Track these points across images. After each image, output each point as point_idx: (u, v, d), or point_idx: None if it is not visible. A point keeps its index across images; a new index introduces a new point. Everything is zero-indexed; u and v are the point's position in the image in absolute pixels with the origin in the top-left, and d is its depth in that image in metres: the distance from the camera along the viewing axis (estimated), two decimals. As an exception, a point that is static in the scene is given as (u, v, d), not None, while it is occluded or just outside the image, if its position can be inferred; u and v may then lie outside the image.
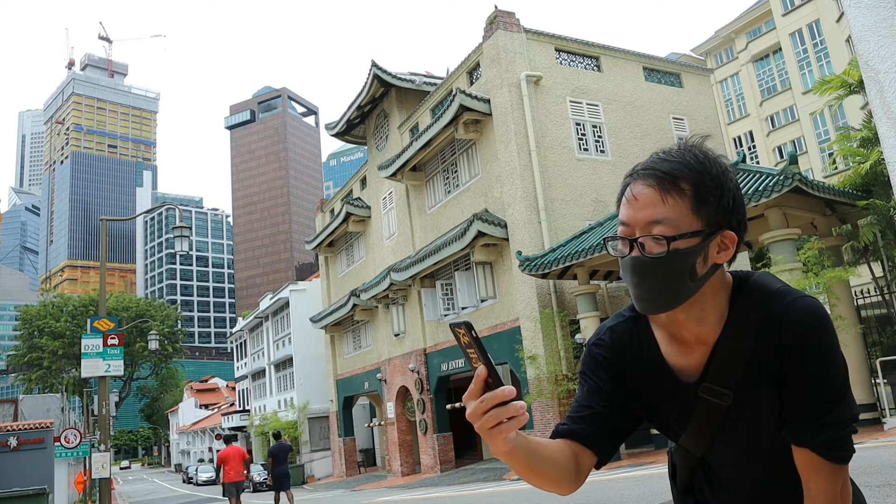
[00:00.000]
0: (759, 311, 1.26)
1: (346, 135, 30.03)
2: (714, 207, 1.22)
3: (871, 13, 1.68)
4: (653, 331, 1.38)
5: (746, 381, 1.28)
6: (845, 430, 1.21)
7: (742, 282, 1.32)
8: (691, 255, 1.20)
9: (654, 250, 1.20)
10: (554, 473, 1.28)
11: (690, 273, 1.21)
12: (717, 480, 1.41)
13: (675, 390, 1.35)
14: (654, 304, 1.24)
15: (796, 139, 36.31)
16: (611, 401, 1.38)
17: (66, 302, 66.86)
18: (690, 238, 1.20)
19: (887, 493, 5.87)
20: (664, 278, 1.21)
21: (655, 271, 1.20)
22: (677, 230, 1.19)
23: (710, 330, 1.30)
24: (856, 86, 15.47)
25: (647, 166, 1.25)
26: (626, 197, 1.26)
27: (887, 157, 1.68)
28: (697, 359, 1.32)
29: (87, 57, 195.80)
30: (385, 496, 18.41)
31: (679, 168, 1.22)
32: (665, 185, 1.21)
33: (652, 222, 1.20)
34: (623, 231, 1.24)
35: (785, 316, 1.23)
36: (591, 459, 1.36)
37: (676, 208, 1.20)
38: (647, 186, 1.23)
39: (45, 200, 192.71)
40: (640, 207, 1.22)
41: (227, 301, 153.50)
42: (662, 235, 1.19)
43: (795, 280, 12.20)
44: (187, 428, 66.78)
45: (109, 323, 14.85)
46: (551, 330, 17.71)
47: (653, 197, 1.21)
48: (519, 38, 20.07)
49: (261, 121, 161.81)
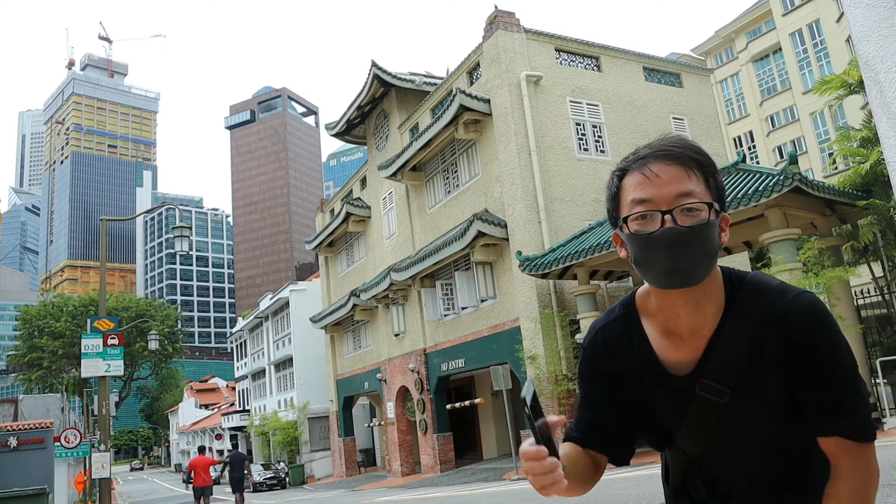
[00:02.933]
0: (761, 307, 1.28)
1: (346, 135, 30.03)
2: (716, 187, 1.29)
3: (871, 13, 1.68)
4: (644, 327, 1.39)
5: (744, 379, 1.29)
6: (866, 411, 1.24)
7: (737, 278, 1.34)
8: (715, 227, 1.26)
9: (687, 222, 1.22)
10: (580, 481, 1.37)
11: (717, 245, 1.26)
12: (712, 480, 1.41)
13: (670, 387, 1.35)
14: (687, 276, 1.25)
15: (796, 139, 36.31)
16: (609, 404, 1.40)
17: (66, 302, 66.88)
18: (713, 210, 1.25)
19: (887, 493, 5.87)
20: (697, 249, 1.23)
21: (690, 241, 1.22)
22: (703, 201, 1.24)
23: (705, 320, 1.31)
24: (856, 86, 15.47)
25: (656, 149, 1.29)
26: (644, 175, 1.27)
27: (887, 157, 1.68)
28: (690, 353, 1.33)
29: (87, 57, 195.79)
30: (385, 496, 18.40)
31: (688, 150, 1.28)
32: (686, 162, 1.26)
33: (682, 194, 1.24)
34: (647, 207, 1.25)
35: (789, 314, 1.25)
36: (604, 458, 1.44)
37: (699, 184, 1.26)
38: (667, 164, 1.26)
39: (45, 200, 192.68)
40: (664, 183, 1.25)
41: (227, 301, 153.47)
42: (702, 202, 1.23)
43: (795, 280, 12.19)
44: (187, 428, 66.77)
45: (109, 323, 14.85)
46: (551, 330, 17.72)
47: (678, 173, 1.25)
48: (519, 38, 20.06)
49: (261, 121, 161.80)
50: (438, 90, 23.17)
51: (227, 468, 18.04)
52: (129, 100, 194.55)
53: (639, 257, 1.27)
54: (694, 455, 1.40)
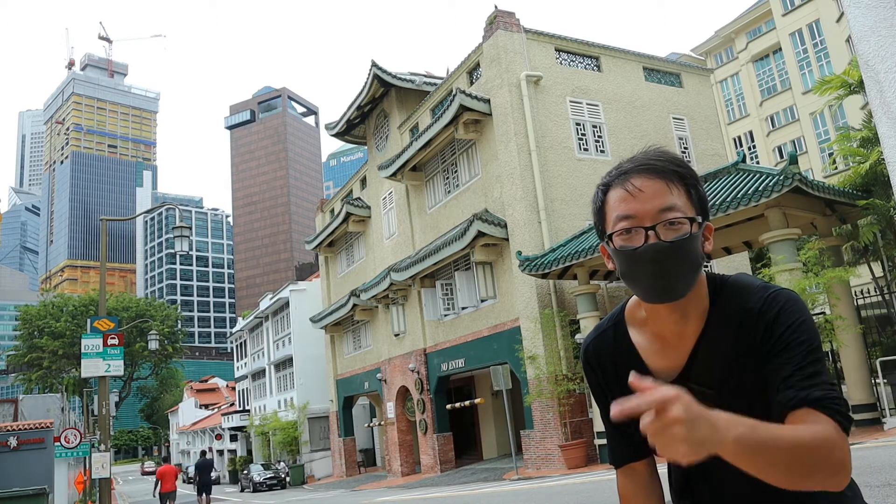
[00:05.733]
0: (740, 307, 1.30)
1: (346, 135, 30.03)
2: (698, 199, 1.30)
3: (871, 13, 1.68)
4: (631, 337, 1.42)
5: (730, 379, 1.30)
6: (835, 392, 1.19)
7: (720, 281, 1.36)
8: (698, 239, 1.26)
9: (670, 236, 1.23)
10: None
11: (701, 257, 1.27)
12: (712, 480, 1.41)
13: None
14: (672, 290, 1.26)
15: (796, 139, 36.31)
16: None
17: (66, 302, 66.88)
18: (695, 223, 1.26)
19: (887, 493, 5.87)
20: (681, 263, 1.24)
21: (674, 257, 1.23)
22: (686, 215, 1.25)
23: (690, 325, 1.33)
24: (856, 86, 15.48)
25: (638, 163, 1.29)
26: (626, 190, 1.28)
27: (887, 157, 1.68)
28: (676, 358, 1.36)
29: (87, 57, 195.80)
30: (385, 496, 18.40)
31: (669, 163, 1.29)
32: (668, 176, 1.27)
33: (665, 209, 1.24)
34: (630, 223, 1.26)
35: (763, 307, 1.27)
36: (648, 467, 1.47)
37: (680, 197, 1.27)
38: (649, 179, 1.27)
39: (45, 200, 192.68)
40: (647, 198, 1.25)
41: (227, 301, 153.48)
42: (684, 216, 1.24)
43: (795, 280, 12.19)
44: (187, 428, 66.72)
45: (109, 323, 14.85)
46: (551, 330, 17.71)
47: (660, 187, 1.26)
48: (519, 38, 20.06)
49: (261, 121, 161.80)
50: (438, 90, 23.16)
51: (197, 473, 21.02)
52: (129, 100, 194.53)
53: (625, 272, 1.29)
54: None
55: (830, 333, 12.49)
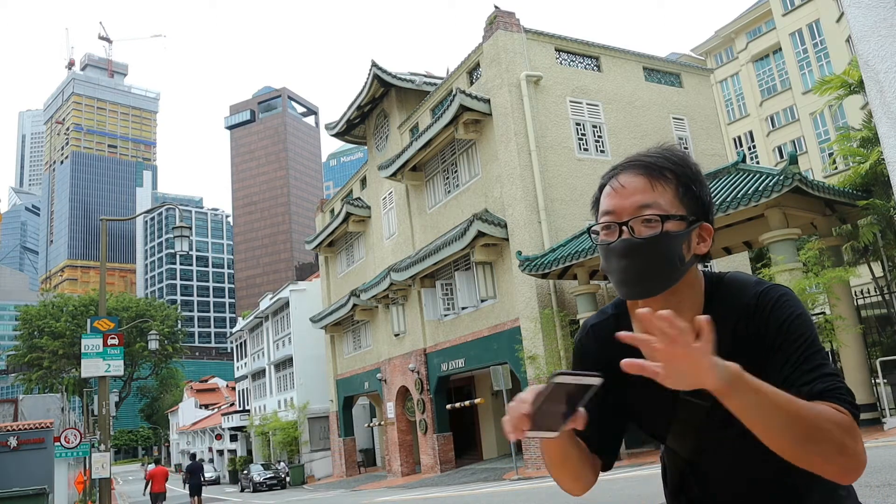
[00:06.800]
0: (735, 304, 1.30)
1: (346, 135, 30.03)
2: (695, 198, 1.29)
3: (871, 13, 1.68)
4: (634, 329, 1.38)
5: None
6: (838, 381, 1.18)
7: (716, 280, 1.36)
8: (678, 239, 1.25)
9: (644, 233, 1.24)
10: (581, 471, 1.36)
11: (678, 258, 1.25)
12: (708, 480, 1.41)
13: (655, 392, 1.33)
14: (639, 288, 1.27)
15: (796, 139, 36.31)
16: (600, 402, 1.38)
17: (66, 302, 66.88)
18: (678, 221, 1.25)
19: (887, 493, 5.87)
20: (652, 261, 1.24)
21: (645, 253, 1.23)
22: (666, 213, 1.25)
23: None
24: (856, 86, 15.48)
25: (631, 160, 1.31)
26: (612, 187, 1.30)
27: (887, 157, 1.68)
28: None
29: (87, 57, 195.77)
30: (385, 496, 18.40)
31: (662, 160, 1.30)
32: (653, 173, 1.28)
33: (643, 206, 1.25)
34: (609, 219, 1.28)
35: (757, 301, 1.28)
36: (598, 462, 1.44)
37: (665, 195, 1.26)
38: (634, 175, 1.28)
39: (45, 200, 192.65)
40: (628, 194, 1.27)
41: (227, 301, 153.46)
42: (657, 214, 1.23)
43: (795, 280, 12.19)
44: (187, 428, 66.72)
45: (109, 323, 14.86)
46: (551, 330, 17.71)
47: (642, 183, 1.27)
48: (519, 38, 20.06)
49: (261, 121, 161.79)
50: (438, 90, 23.17)
51: (189, 476, 21.85)
52: (129, 100, 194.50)
53: (603, 266, 1.31)
54: (687, 455, 1.40)
55: (830, 333, 12.49)
